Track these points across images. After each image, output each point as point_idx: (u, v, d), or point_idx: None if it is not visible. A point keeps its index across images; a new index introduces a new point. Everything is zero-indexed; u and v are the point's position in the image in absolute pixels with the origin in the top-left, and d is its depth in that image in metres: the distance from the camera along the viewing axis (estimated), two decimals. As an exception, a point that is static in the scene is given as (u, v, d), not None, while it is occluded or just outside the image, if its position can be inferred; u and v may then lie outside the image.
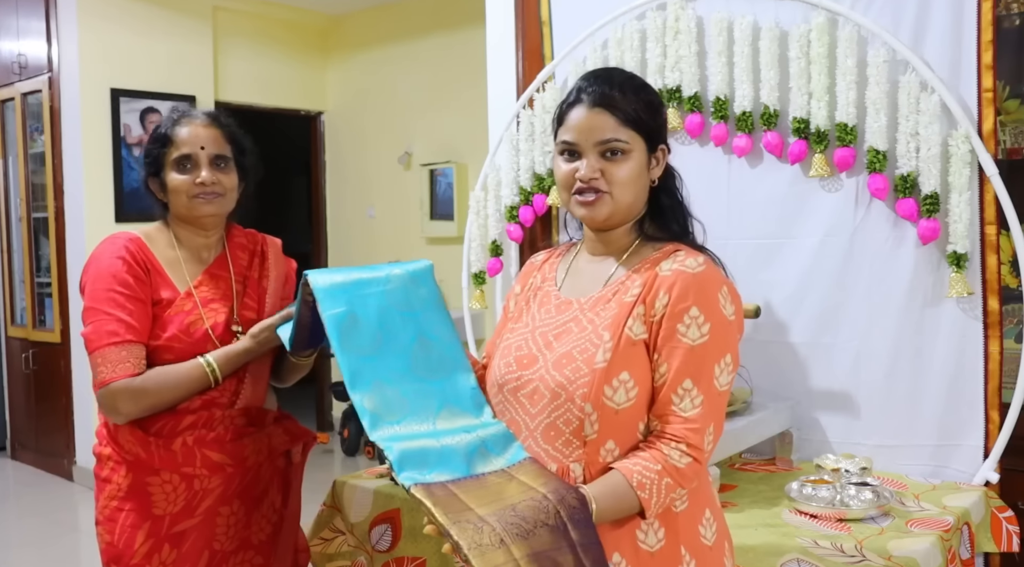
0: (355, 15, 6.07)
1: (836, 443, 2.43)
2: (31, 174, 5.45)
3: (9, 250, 5.73)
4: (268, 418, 1.89)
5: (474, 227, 3.14)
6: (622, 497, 1.26)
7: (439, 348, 1.43)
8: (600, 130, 1.36)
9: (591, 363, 1.31)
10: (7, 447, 5.82)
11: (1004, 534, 2.12)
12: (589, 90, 1.38)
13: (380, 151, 5.89)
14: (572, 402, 1.31)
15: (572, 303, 1.42)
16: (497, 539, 1.12)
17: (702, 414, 1.28)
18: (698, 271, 1.31)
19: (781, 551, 1.79)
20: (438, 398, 1.39)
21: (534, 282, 1.53)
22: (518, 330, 1.46)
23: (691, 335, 1.28)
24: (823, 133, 2.35)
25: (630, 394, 1.30)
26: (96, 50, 5.01)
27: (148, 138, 1.86)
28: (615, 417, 1.30)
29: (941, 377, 2.28)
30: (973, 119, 2.20)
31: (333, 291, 1.42)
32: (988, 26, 2.17)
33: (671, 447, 1.28)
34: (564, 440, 1.32)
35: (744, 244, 2.55)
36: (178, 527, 1.76)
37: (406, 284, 1.47)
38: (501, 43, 3.18)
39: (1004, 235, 2.19)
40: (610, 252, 1.43)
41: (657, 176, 1.41)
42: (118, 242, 1.78)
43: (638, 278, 1.35)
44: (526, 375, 1.38)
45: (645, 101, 1.38)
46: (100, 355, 1.69)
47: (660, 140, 1.40)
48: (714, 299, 1.30)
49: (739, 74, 2.49)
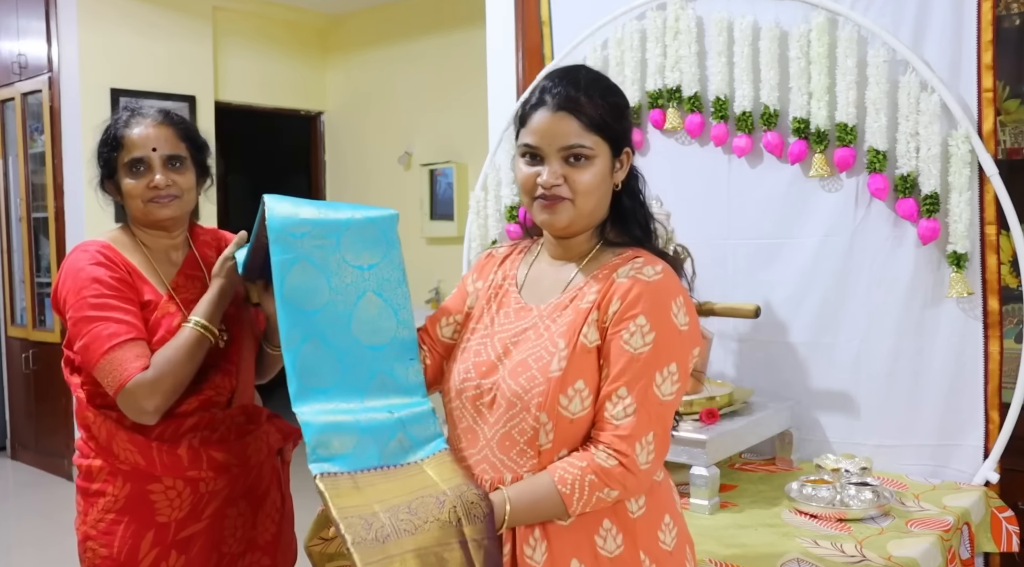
0: (355, 15, 6.07)
1: (836, 443, 2.43)
2: (31, 174, 5.45)
3: (9, 250, 5.73)
4: (263, 416, 1.87)
5: (474, 227, 3.14)
6: (542, 495, 1.26)
7: (386, 309, 1.38)
8: (564, 135, 1.31)
9: (546, 371, 1.29)
10: (7, 447, 5.83)
11: (1004, 534, 2.12)
12: (553, 91, 1.33)
13: (380, 151, 5.89)
14: (527, 411, 1.29)
15: (531, 310, 1.39)
16: (384, 534, 1.14)
17: (634, 423, 1.26)
18: (654, 279, 1.29)
19: (781, 551, 1.79)
20: (373, 366, 1.35)
21: (495, 279, 1.49)
22: (477, 333, 1.44)
23: (634, 343, 1.27)
24: (823, 133, 2.35)
25: (585, 403, 1.29)
26: (96, 50, 5.01)
27: (98, 138, 1.78)
28: (570, 426, 1.29)
29: (941, 377, 2.28)
30: (973, 119, 2.20)
31: (287, 233, 1.33)
32: (988, 26, 2.17)
33: (599, 449, 1.27)
34: (519, 450, 1.31)
35: (744, 244, 2.55)
36: (184, 532, 1.72)
37: (366, 232, 1.39)
38: (501, 43, 3.18)
39: (1004, 235, 2.19)
40: (570, 257, 1.41)
41: (620, 180, 1.38)
42: (90, 250, 1.71)
43: (595, 284, 1.33)
44: (485, 384, 1.36)
45: (611, 104, 1.34)
46: (106, 362, 1.60)
47: (625, 143, 1.37)
48: (666, 309, 1.28)
49: (739, 74, 2.49)
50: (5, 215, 5.73)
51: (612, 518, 1.32)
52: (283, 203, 1.37)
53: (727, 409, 2.21)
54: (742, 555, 1.78)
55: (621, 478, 1.26)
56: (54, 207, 5.18)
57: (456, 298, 1.54)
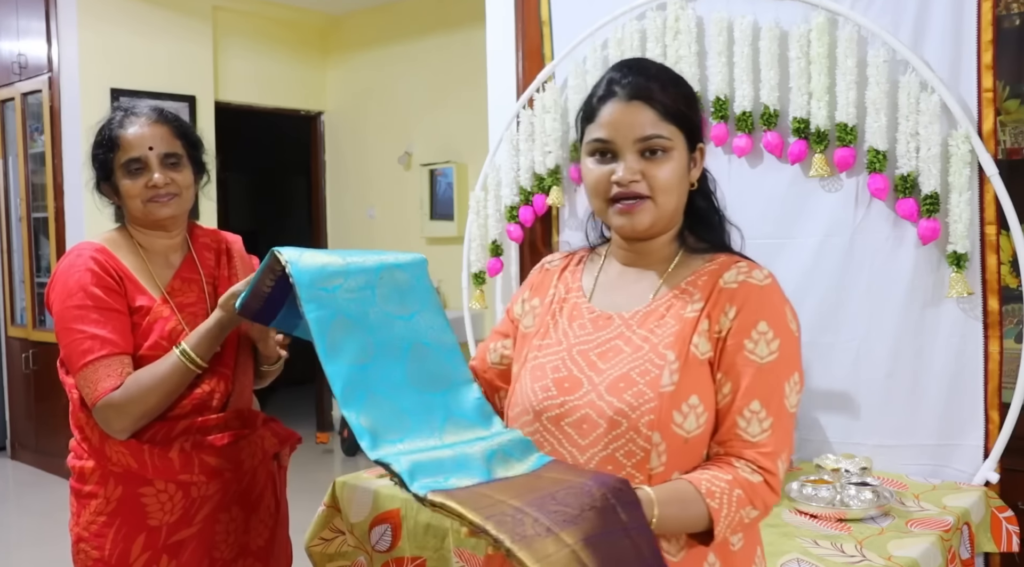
0: (355, 15, 6.07)
1: (836, 443, 2.43)
2: (31, 174, 5.45)
3: (9, 250, 5.73)
4: (259, 420, 1.85)
5: (474, 227, 3.14)
6: (688, 504, 1.11)
7: (437, 356, 1.29)
8: (640, 125, 1.20)
9: (656, 386, 1.15)
10: (7, 447, 5.82)
11: (1004, 534, 2.12)
12: (623, 82, 1.22)
13: (380, 151, 5.89)
14: (636, 431, 1.15)
15: (613, 318, 1.25)
16: (543, 528, 0.97)
17: (773, 439, 1.15)
18: (765, 283, 1.21)
19: (781, 551, 1.79)
20: (441, 411, 1.25)
21: (556, 293, 1.34)
22: (548, 348, 1.28)
23: (759, 352, 1.16)
24: (823, 133, 2.35)
25: (700, 420, 1.16)
26: (96, 50, 5.01)
27: (93, 139, 1.76)
28: (684, 446, 1.15)
29: (941, 377, 2.28)
30: (973, 119, 2.20)
31: (317, 287, 1.25)
32: (988, 26, 2.17)
33: (742, 463, 1.15)
34: (625, 474, 1.15)
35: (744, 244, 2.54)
36: (176, 536, 1.70)
37: (398, 280, 1.32)
38: (501, 43, 3.18)
39: (1004, 235, 2.19)
40: (648, 263, 1.28)
41: (696, 178, 1.27)
42: (84, 254, 1.69)
43: (696, 291, 1.21)
44: (571, 401, 1.20)
45: (684, 93, 1.24)
46: (81, 376, 1.62)
47: (699, 137, 1.26)
48: (783, 314, 1.20)
49: (739, 74, 2.49)
50: (5, 215, 5.73)
51: (716, 551, 1.19)
52: (305, 255, 1.29)
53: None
54: (742, 555, 1.78)
55: (765, 496, 1.15)
56: (54, 207, 5.18)
57: (504, 323, 1.41)
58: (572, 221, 2.98)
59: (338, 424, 5.97)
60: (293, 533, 1.96)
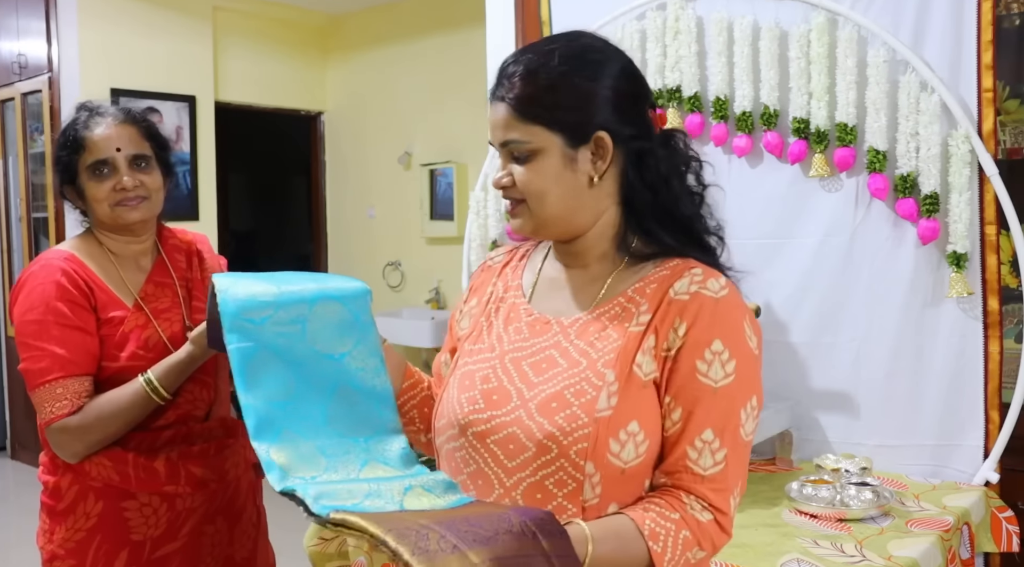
0: (355, 15, 6.07)
1: (836, 443, 2.43)
2: (31, 174, 5.45)
3: (9, 250, 5.73)
4: (239, 429, 1.81)
5: (474, 227, 3.14)
6: (628, 543, 1.00)
7: (365, 401, 1.19)
8: (499, 129, 1.09)
9: (592, 410, 1.03)
10: (7, 447, 5.83)
11: (1004, 534, 2.12)
12: (497, 77, 1.10)
13: (380, 151, 5.89)
14: (567, 459, 1.03)
15: (551, 323, 1.13)
16: (449, 545, 0.87)
17: (726, 472, 1.04)
18: (721, 295, 1.06)
19: (781, 551, 1.79)
20: (362, 455, 1.15)
21: (495, 292, 1.23)
22: (480, 353, 1.16)
23: (713, 375, 1.03)
24: (823, 133, 2.35)
25: (640, 449, 1.04)
26: (96, 50, 5.01)
27: (56, 140, 1.68)
28: (620, 477, 1.04)
29: (941, 377, 2.27)
30: (973, 119, 2.20)
31: (242, 317, 1.17)
32: (988, 26, 2.17)
33: (691, 499, 1.04)
34: (556, 505, 1.04)
35: (744, 244, 2.54)
36: (161, 551, 1.65)
37: (335, 314, 1.21)
38: (501, 43, 3.18)
39: (1004, 235, 2.19)
40: (587, 265, 1.15)
41: (600, 172, 1.09)
42: (53, 264, 1.61)
43: (645, 302, 1.08)
44: (498, 417, 1.08)
45: (548, 79, 1.06)
46: (36, 395, 1.56)
47: (590, 128, 1.07)
48: (739, 329, 1.06)
49: (739, 74, 2.49)
50: (5, 215, 5.73)
51: None
52: (238, 283, 1.21)
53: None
54: (742, 555, 1.78)
55: (714, 536, 1.05)
56: (54, 207, 5.18)
57: (447, 338, 1.30)
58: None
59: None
60: (293, 533, 1.96)
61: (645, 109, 1.13)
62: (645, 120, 1.12)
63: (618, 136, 1.09)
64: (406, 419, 1.28)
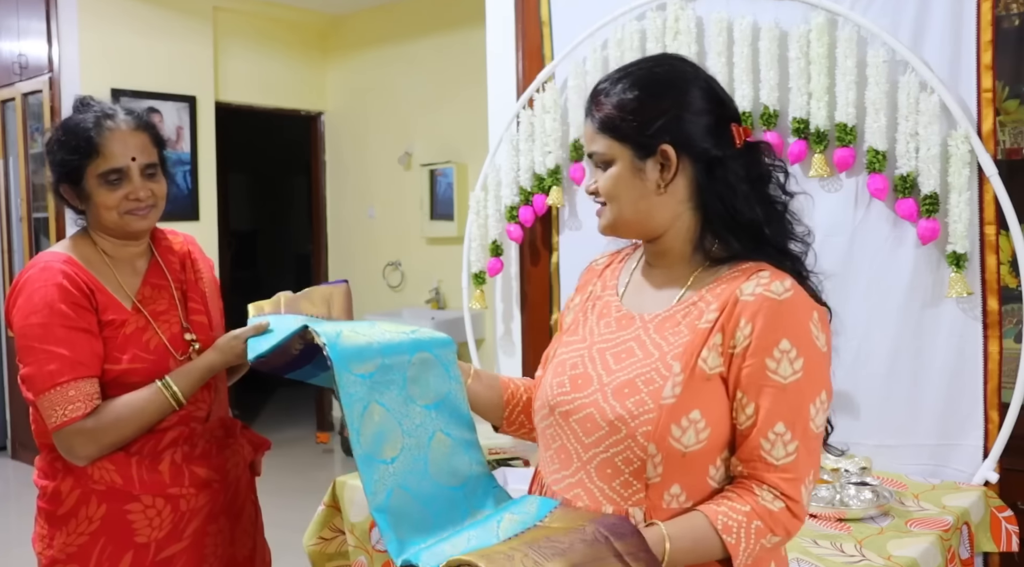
0: (355, 15, 6.07)
1: (836, 443, 2.43)
2: (31, 174, 5.45)
3: (9, 250, 5.73)
4: (237, 428, 1.82)
5: (474, 227, 3.14)
6: (702, 539, 1.11)
7: (459, 449, 1.31)
8: (587, 141, 1.27)
9: (657, 397, 1.14)
10: (7, 447, 5.83)
11: (1003, 534, 2.12)
12: (589, 97, 1.28)
13: (380, 151, 5.89)
14: (633, 440, 1.15)
15: (635, 319, 1.25)
16: (531, 562, 1.01)
17: (797, 462, 1.13)
18: (785, 297, 1.14)
19: (781, 551, 1.79)
20: (462, 506, 1.26)
21: (594, 290, 1.36)
22: (574, 344, 1.30)
23: (782, 372, 1.12)
24: (823, 133, 2.35)
25: (700, 436, 1.14)
26: (96, 50, 5.01)
27: (58, 138, 1.62)
28: (682, 460, 1.14)
29: (941, 377, 2.28)
30: (972, 119, 2.20)
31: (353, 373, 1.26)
32: (987, 26, 2.17)
33: (764, 490, 1.13)
34: (622, 480, 1.17)
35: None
36: (165, 552, 1.64)
37: (427, 366, 1.32)
38: (501, 43, 3.18)
39: (1003, 235, 2.19)
40: (670, 266, 1.27)
41: (666, 181, 1.21)
42: (52, 267, 1.59)
43: (714, 301, 1.18)
44: (580, 398, 1.22)
45: (622, 101, 1.22)
46: (46, 399, 1.54)
47: (655, 141, 1.21)
48: (805, 329, 1.15)
49: (739, 74, 2.49)
50: (5, 215, 5.73)
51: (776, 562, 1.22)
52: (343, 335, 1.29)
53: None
54: (742, 555, 1.78)
55: (787, 523, 1.13)
56: (54, 207, 5.18)
57: (559, 328, 1.43)
58: (572, 221, 2.99)
59: (338, 424, 5.97)
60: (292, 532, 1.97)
61: (720, 125, 1.23)
62: (719, 135, 1.23)
63: (686, 149, 1.21)
64: (516, 425, 1.43)
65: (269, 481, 2.25)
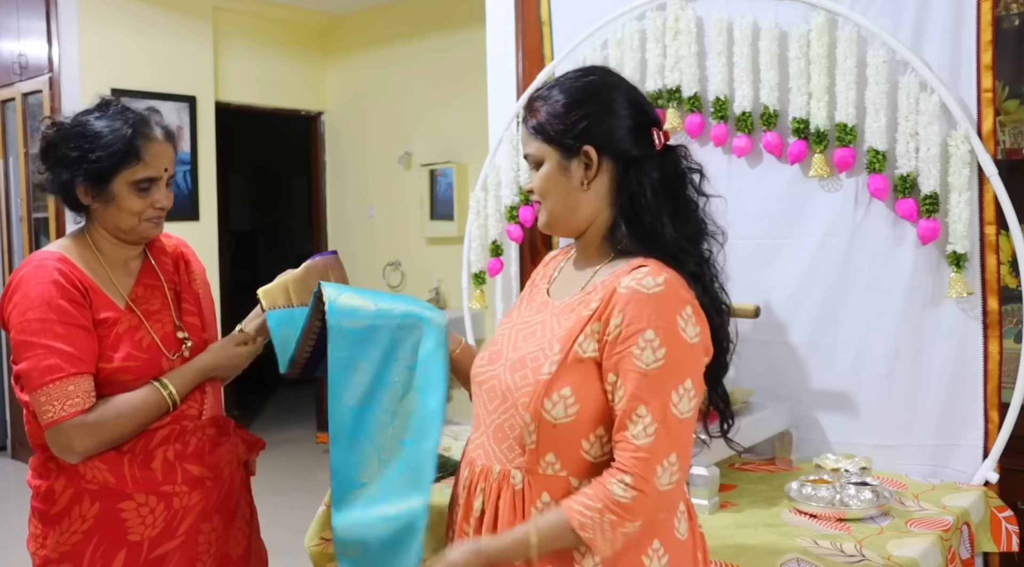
0: (355, 15, 6.07)
1: (836, 443, 2.43)
2: (31, 174, 5.45)
3: (9, 250, 5.73)
4: (231, 426, 1.83)
5: (474, 227, 3.14)
6: (562, 537, 1.26)
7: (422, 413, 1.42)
8: (523, 145, 1.41)
9: (537, 373, 1.30)
10: (7, 447, 5.83)
11: (1004, 534, 2.12)
12: (524, 106, 1.42)
13: (380, 151, 5.90)
14: (516, 409, 1.31)
15: (549, 305, 1.41)
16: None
17: (654, 444, 1.23)
18: (655, 291, 1.25)
19: (781, 551, 1.79)
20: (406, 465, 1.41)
21: (535, 279, 1.53)
22: (504, 325, 1.47)
23: (645, 359, 1.24)
24: (823, 133, 2.35)
25: (569, 410, 1.28)
26: (96, 50, 5.01)
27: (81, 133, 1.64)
28: (553, 431, 1.29)
29: (941, 377, 2.28)
30: (972, 119, 2.20)
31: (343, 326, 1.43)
32: (987, 26, 2.17)
33: (616, 480, 1.24)
34: (508, 445, 1.34)
35: (744, 244, 2.55)
36: (158, 551, 1.65)
37: (413, 330, 1.46)
38: (501, 43, 3.18)
39: (1004, 235, 2.19)
40: (587, 260, 1.41)
41: (587, 180, 1.35)
42: (47, 265, 1.61)
43: (599, 293, 1.31)
44: (489, 371, 1.39)
45: (552, 104, 1.35)
46: (43, 394, 1.55)
47: (578, 142, 1.34)
48: (671, 321, 1.25)
49: (739, 74, 2.49)
50: (5, 215, 5.73)
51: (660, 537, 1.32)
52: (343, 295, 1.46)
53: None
54: (742, 555, 1.78)
55: (639, 508, 1.24)
56: (54, 207, 5.18)
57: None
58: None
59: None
60: (293, 534, 1.97)
61: (640, 129, 1.36)
62: (638, 138, 1.35)
63: (606, 150, 1.34)
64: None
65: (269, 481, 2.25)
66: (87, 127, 1.65)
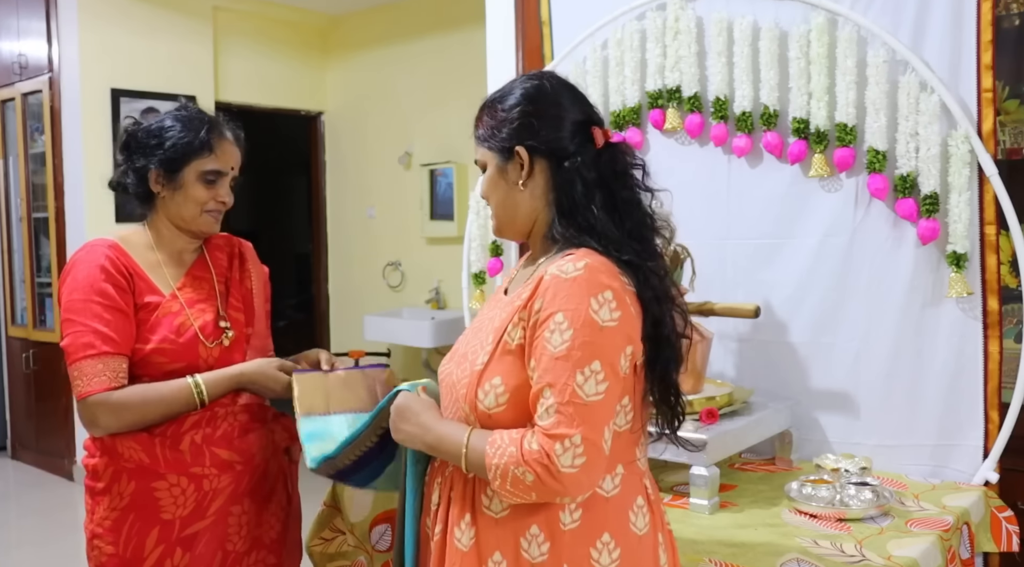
0: (355, 15, 6.07)
1: (836, 443, 2.43)
2: (31, 174, 5.46)
3: (9, 250, 5.73)
4: (268, 415, 1.89)
5: (474, 227, 3.14)
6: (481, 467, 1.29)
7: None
8: (475, 153, 1.48)
9: (473, 365, 1.35)
10: (7, 447, 5.83)
11: (1004, 534, 2.12)
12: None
13: (380, 151, 5.90)
14: (458, 401, 1.37)
15: (500, 300, 1.46)
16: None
17: (558, 422, 1.23)
18: (571, 275, 1.27)
19: (781, 551, 1.79)
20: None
21: (504, 280, 1.58)
22: (472, 325, 1.51)
23: (553, 341, 1.25)
24: (823, 133, 2.35)
25: (500, 400, 1.31)
26: (96, 50, 5.01)
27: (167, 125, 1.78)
28: (489, 420, 1.32)
29: (941, 377, 2.28)
30: (973, 119, 2.20)
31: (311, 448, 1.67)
32: (988, 26, 2.17)
33: (531, 432, 1.26)
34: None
35: (744, 244, 2.55)
36: (189, 530, 1.74)
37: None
38: (501, 43, 3.18)
39: (1004, 235, 2.19)
40: (535, 256, 1.46)
41: (521, 180, 1.39)
42: (97, 250, 1.74)
43: (531, 283, 1.34)
44: (447, 367, 1.45)
45: (489, 112, 1.43)
46: (76, 368, 1.66)
47: (511, 143, 1.39)
48: (583, 305, 1.25)
49: (739, 74, 2.49)
50: (5, 215, 5.73)
51: (542, 525, 1.31)
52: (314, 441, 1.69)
53: (727, 409, 2.21)
54: (742, 555, 1.78)
55: (538, 468, 1.23)
56: (54, 207, 5.18)
57: None
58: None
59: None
60: (293, 533, 1.97)
61: (576, 128, 1.39)
62: (575, 137, 1.39)
63: (539, 151, 1.39)
64: None
65: (269, 481, 2.24)
66: (165, 121, 1.80)
